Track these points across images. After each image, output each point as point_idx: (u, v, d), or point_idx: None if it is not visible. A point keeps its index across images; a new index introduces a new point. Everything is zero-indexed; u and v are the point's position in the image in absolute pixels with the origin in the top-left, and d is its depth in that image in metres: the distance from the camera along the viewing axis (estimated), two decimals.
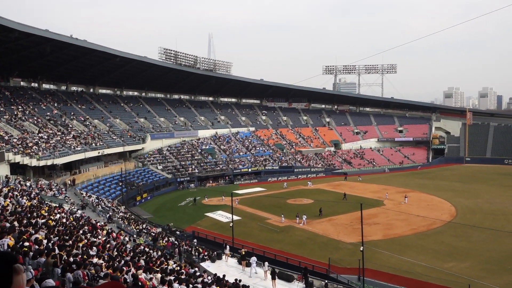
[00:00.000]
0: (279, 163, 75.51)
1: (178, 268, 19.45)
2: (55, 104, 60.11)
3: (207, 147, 74.60)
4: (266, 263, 24.13)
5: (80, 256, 12.58)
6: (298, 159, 79.52)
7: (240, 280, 19.97)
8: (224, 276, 20.00)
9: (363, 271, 24.81)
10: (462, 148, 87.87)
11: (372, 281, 25.62)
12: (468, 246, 31.52)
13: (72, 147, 48.95)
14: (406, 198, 48.03)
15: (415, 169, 78.69)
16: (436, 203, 47.43)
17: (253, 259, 24.51)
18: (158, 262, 18.95)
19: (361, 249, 24.98)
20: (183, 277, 16.08)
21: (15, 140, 41.18)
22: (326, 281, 24.44)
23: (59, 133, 51.37)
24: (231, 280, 19.74)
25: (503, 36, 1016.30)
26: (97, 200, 40.13)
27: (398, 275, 26.06)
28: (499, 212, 42.02)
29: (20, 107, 52.49)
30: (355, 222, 36.48)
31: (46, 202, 26.55)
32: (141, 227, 33.94)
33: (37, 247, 11.64)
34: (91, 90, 73.49)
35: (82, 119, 60.61)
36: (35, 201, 24.84)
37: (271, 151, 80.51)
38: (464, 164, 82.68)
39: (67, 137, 50.91)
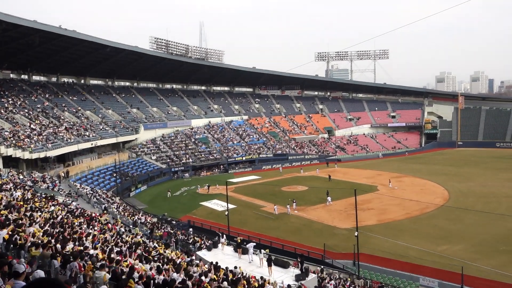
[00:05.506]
0: (273, 151, 75.64)
1: (175, 257, 19.55)
2: (46, 96, 59.48)
3: (201, 136, 74.46)
4: (262, 251, 24.20)
5: (76, 247, 12.59)
6: (292, 147, 79.68)
7: (235, 267, 20.08)
8: (217, 263, 20.14)
9: (358, 256, 25.15)
10: (454, 132, 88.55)
11: (367, 265, 26.00)
12: (461, 229, 31.98)
13: (65, 139, 48.58)
14: (390, 183, 48.62)
15: (404, 154, 79.16)
16: (429, 187, 47.92)
17: (250, 245, 24.47)
18: (155, 252, 19.03)
19: (356, 234, 25.27)
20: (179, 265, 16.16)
21: (6, 133, 40.79)
22: (322, 266, 24.74)
23: (51, 125, 50.91)
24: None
25: (494, 20, 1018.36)
26: (92, 192, 40.02)
27: (392, 259, 26.43)
28: (492, 195, 42.57)
29: (10, 99, 51.86)
30: (350, 208, 36.80)
31: (40, 194, 26.42)
32: (136, 218, 33.99)
33: (32, 239, 11.63)
34: (82, 81, 72.69)
35: (74, 110, 60.07)
36: (29, 193, 24.72)
37: (264, 139, 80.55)
38: (456, 148, 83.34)
39: (59, 129, 50.49)
